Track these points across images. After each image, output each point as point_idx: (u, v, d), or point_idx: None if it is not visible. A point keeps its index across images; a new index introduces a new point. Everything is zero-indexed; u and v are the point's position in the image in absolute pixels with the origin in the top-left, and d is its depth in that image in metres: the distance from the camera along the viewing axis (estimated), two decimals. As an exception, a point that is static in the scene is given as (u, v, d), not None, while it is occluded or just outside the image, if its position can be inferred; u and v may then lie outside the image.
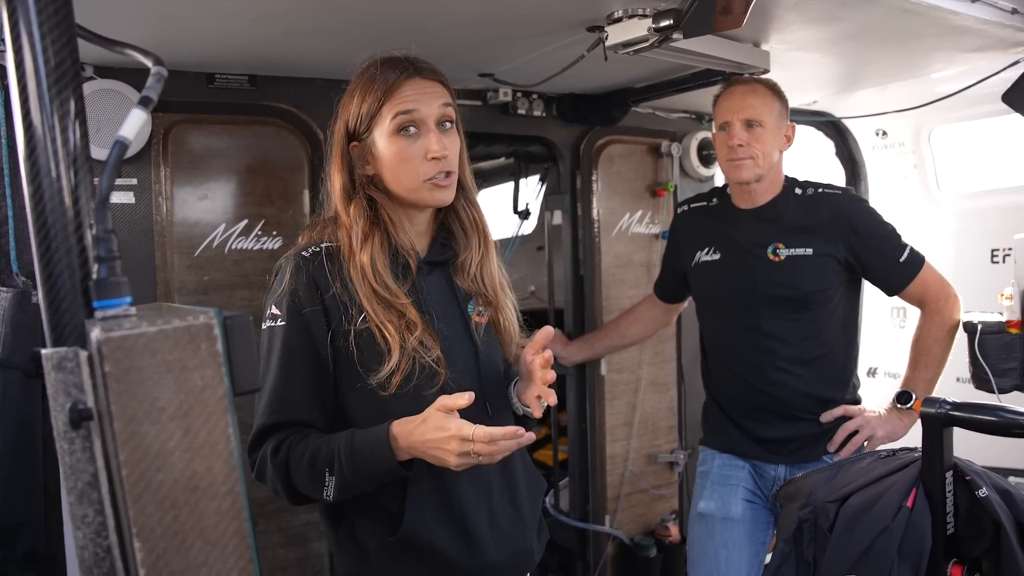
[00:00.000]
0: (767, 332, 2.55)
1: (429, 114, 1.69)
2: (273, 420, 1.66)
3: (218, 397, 0.82)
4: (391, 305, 1.66)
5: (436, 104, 1.70)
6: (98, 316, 0.81)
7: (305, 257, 1.70)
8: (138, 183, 2.52)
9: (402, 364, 1.63)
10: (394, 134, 1.68)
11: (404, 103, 1.67)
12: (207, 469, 0.81)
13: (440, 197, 1.72)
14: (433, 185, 1.69)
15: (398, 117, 1.67)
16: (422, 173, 1.68)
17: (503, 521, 1.76)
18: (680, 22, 2.02)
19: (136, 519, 0.78)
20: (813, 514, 1.71)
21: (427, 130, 1.69)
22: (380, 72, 1.70)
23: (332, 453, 1.58)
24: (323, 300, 1.67)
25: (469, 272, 1.81)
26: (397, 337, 1.63)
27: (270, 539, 2.74)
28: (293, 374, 1.67)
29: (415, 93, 1.68)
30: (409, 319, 1.66)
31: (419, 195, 1.71)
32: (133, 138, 0.87)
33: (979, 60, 2.83)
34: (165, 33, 2.18)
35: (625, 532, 3.55)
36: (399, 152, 1.68)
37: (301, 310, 1.66)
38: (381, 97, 1.68)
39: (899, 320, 4.03)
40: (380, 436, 1.57)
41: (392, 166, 1.70)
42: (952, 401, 1.61)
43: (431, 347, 1.66)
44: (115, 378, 0.77)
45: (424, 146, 1.68)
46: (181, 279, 2.60)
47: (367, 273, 1.66)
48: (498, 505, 1.76)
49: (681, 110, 3.68)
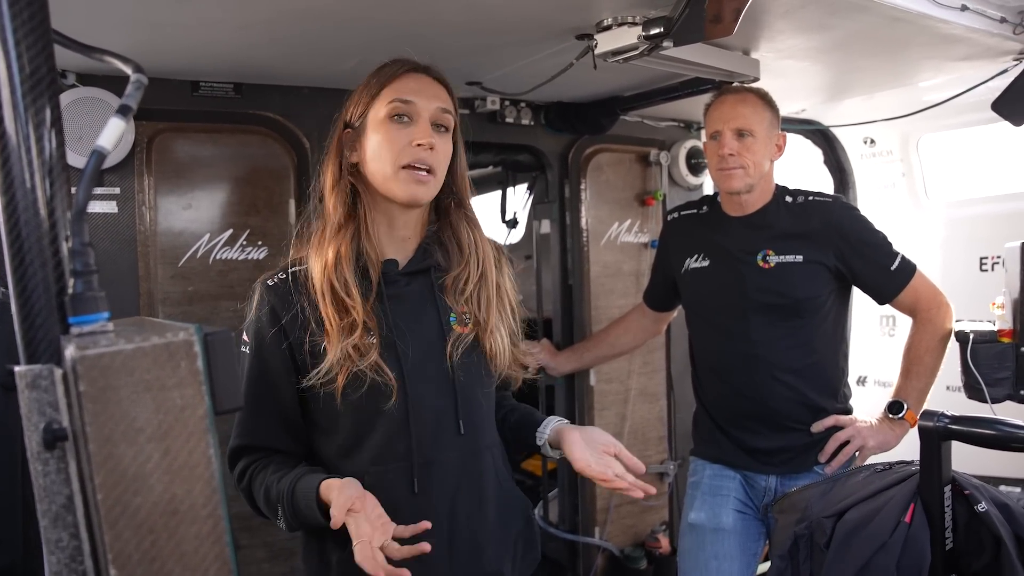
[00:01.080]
0: (756, 340, 2.53)
1: (424, 108, 1.67)
2: (238, 443, 1.74)
3: (198, 417, 0.79)
4: (341, 302, 1.63)
5: (434, 103, 1.68)
6: (74, 332, 0.78)
7: (268, 286, 1.72)
8: (121, 192, 2.49)
9: (342, 368, 1.61)
10: (386, 118, 1.66)
11: (403, 92, 1.66)
12: (187, 492, 0.78)
13: (415, 191, 1.65)
14: (409, 175, 1.64)
15: (393, 103, 1.65)
16: (401, 159, 1.64)
17: (462, 543, 1.70)
18: (670, 30, 2.00)
19: (112, 544, 0.75)
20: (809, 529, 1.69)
21: (420, 121, 1.67)
22: (389, 65, 1.71)
23: (280, 494, 1.60)
24: (282, 324, 1.67)
25: (464, 292, 1.75)
26: (336, 336, 1.61)
27: (255, 554, 2.70)
28: (257, 401, 1.70)
29: (416, 85, 1.68)
30: (352, 319, 1.62)
31: (393, 185, 1.66)
32: (111, 147, 0.83)
33: (967, 69, 2.84)
34: (149, 40, 2.15)
35: (615, 544, 3.53)
36: (384, 136, 1.66)
37: (264, 340, 1.69)
38: (383, 82, 1.68)
39: (888, 328, 4.02)
40: (311, 493, 1.55)
41: (376, 151, 1.67)
42: (951, 415, 1.59)
43: (368, 352, 1.62)
44: (90, 398, 0.73)
45: (411, 134, 1.65)
46: (165, 290, 2.56)
47: (328, 265, 1.64)
48: (461, 528, 1.70)
49: (670, 119, 3.67)
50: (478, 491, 1.74)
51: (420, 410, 1.67)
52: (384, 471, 1.65)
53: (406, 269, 1.74)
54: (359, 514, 1.46)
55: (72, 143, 2.28)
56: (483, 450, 1.77)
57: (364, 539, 1.42)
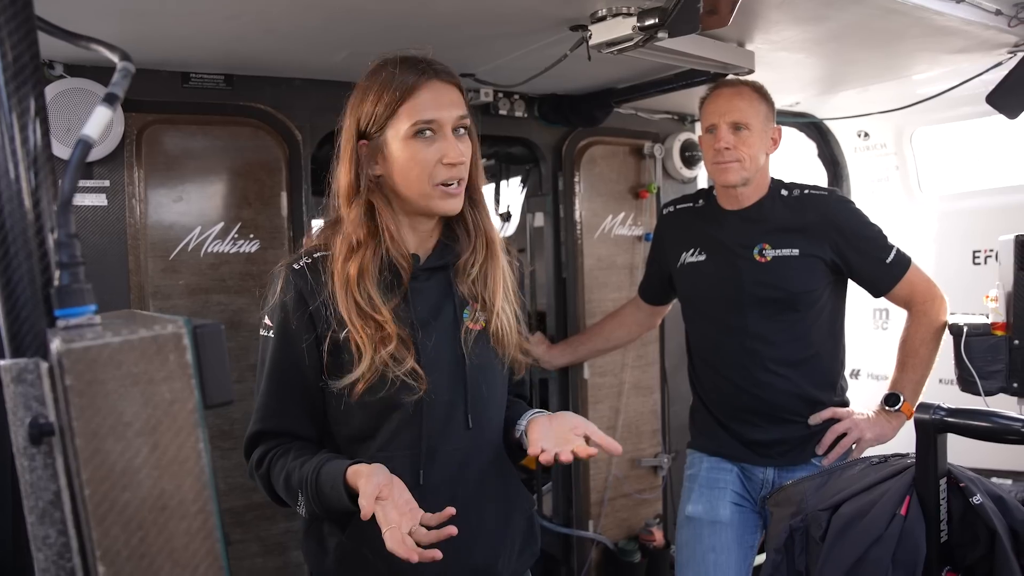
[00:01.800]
0: (754, 333, 2.52)
1: (448, 121, 1.65)
2: (259, 428, 1.73)
3: (188, 411, 0.77)
4: (370, 317, 1.64)
5: (455, 112, 1.67)
6: (60, 325, 0.77)
7: (295, 269, 1.71)
8: (111, 185, 2.47)
9: (368, 375, 1.63)
10: (410, 137, 1.65)
11: (425, 111, 1.64)
12: (176, 487, 0.76)
13: (450, 206, 1.68)
14: (444, 192, 1.66)
15: (417, 123, 1.63)
16: (434, 177, 1.65)
17: (463, 535, 1.70)
18: (665, 21, 1.99)
19: (100, 541, 0.73)
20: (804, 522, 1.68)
21: (444, 135, 1.66)
22: (399, 72, 1.66)
23: (302, 479, 1.61)
24: (309, 311, 1.67)
25: (469, 275, 1.77)
26: (370, 350, 1.62)
27: (248, 548, 2.69)
28: (279, 386, 1.71)
29: (435, 98, 1.65)
30: (386, 333, 1.64)
31: (429, 202, 1.68)
32: (98, 137, 0.82)
33: (962, 61, 2.83)
34: (138, 30, 2.13)
35: (609, 537, 3.53)
36: (413, 155, 1.65)
37: (289, 324, 1.68)
38: (399, 98, 1.64)
39: (882, 321, 4.03)
40: (338, 478, 1.56)
41: (404, 169, 1.66)
42: (946, 407, 1.58)
43: (404, 359, 1.64)
44: (77, 392, 0.72)
45: (440, 150, 1.65)
46: (155, 283, 2.54)
47: (351, 284, 1.64)
48: (462, 518, 1.67)
49: (664, 111, 3.66)
50: (481, 485, 1.76)
51: (432, 404, 1.69)
52: (389, 457, 1.66)
53: (427, 264, 1.76)
54: (387, 501, 1.47)
55: (60, 134, 2.26)
56: (488, 445, 1.79)
57: (394, 526, 1.44)
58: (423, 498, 1.64)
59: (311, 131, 2.78)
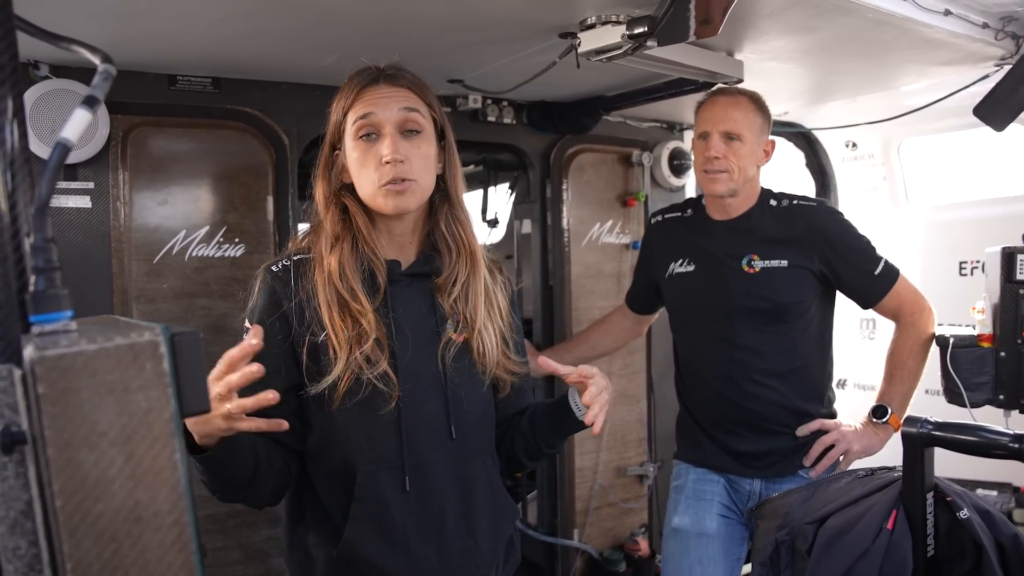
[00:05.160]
0: (742, 344, 2.52)
1: (386, 118, 1.66)
2: None
3: (164, 420, 0.75)
4: (349, 312, 1.63)
5: (395, 108, 1.67)
6: (35, 332, 0.75)
7: (272, 271, 1.72)
8: (95, 187, 2.44)
9: (345, 376, 1.61)
10: (355, 139, 1.69)
11: (362, 108, 1.67)
12: (151, 498, 0.75)
13: (394, 204, 1.67)
14: (387, 191, 1.66)
15: (357, 122, 1.67)
16: (377, 179, 1.66)
17: (454, 550, 1.70)
18: (655, 29, 1.99)
19: (71, 553, 0.71)
20: (791, 536, 1.67)
21: (383, 135, 1.67)
22: (352, 80, 1.71)
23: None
24: (285, 313, 1.67)
25: (452, 291, 1.76)
26: (345, 347, 1.61)
27: (230, 555, 2.66)
28: (253, 387, 1.62)
29: (375, 100, 1.67)
30: (363, 329, 1.63)
31: (376, 202, 1.69)
32: (77, 140, 0.80)
33: (949, 74, 2.84)
34: (125, 31, 2.11)
35: (594, 546, 3.51)
36: (358, 158, 1.69)
37: (264, 325, 1.63)
38: (347, 104, 1.70)
39: (868, 332, 4.04)
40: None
41: (355, 172, 1.71)
42: (934, 421, 1.58)
43: (378, 362, 1.63)
44: (50, 400, 0.70)
45: (378, 151, 1.66)
46: (139, 287, 2.52)
47: (333, 275, 1.65)
48: (451, 532, 1.70)
49: (653, 119, 3.66)
50: (469, 496, 1.74)
51: (412, 413, 1.68)
52: (375, 471, 1.65)
53: (409, 270, 1.76)
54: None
55: (45, 136, 2.24)
56: (474, 456, 1.77)
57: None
58: (411, 507, 1.65)
59: (298, 135, 2.76)
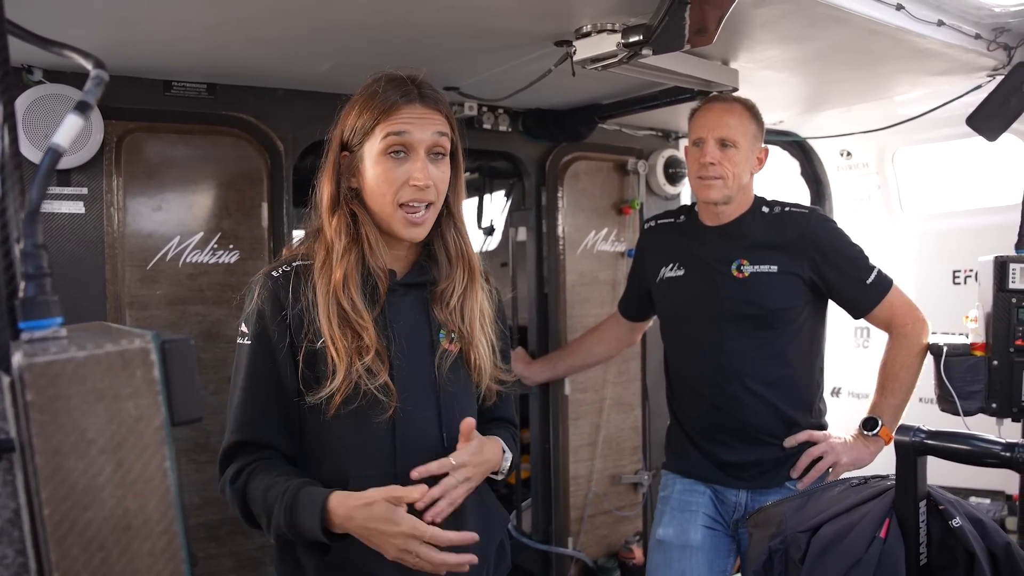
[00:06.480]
0: (729, 350, 2.50)
1: (420, 140, 1.65)
2: (236, 439, 1.68)
3: (154, 428, 0.75)
4: (350, 324, 1.63)
5: (430, 131, 1.66)
6: (24, 338, 0.74)
7: (273, 276, 1.70)
8: (89, 192, 2.43)
9: (343, 387, 1.61)
10: (382, 154, 1.65)
11: (397, 124, 1.64)
12: (140, 507, 0.74)
13: (411, 233, 1.68)
14: (406, 218, 1.66)
15: (389, 137, 1.64)
16: (399, 197, 1.65)
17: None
18: (650, 38, 2.00)
19: (59, 562, 0.71)
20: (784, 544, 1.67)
21: (416, 156, 1.66)
22: (383, 89, 1.67)
23: (280, 495, 1.58)
24: (286, 319, 1.66)
25: (449, 303, 1.77)
26: (345, 360, 1.61)
27: (223, 564, 2.64)
28: (256, 394, 1.68)
29: (411, 119, 1.65)
30: (363, 343, 1.63)
31: (392, 224, 1.68)
32: (68, 145, 0.80)
33: (943, 83, 2.86)
34: (120, 37, 2.11)
35: (588, 554, 3.50)
36: (382, 172, 1.66)
37: (265, 331, 1.67)
38: (378, 115, 1.66)
39: (863, 340, 4.04)
40: (316, 505, 1.55)
41: (373, 185, 1.68)
42: (927, 429, 1.58)
43: (378, 373, 1.63)
44: (38, 407, 0.70)
45: (408, 171, 1.65)
46: (133, 293, 2.51)
47: (337, 289, 1.64)
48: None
49: (648, 127, 3.66)
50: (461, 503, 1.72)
51: (406, 421, 1.68)
52: (366, 478, 1.64)
53: (404, 280, 1.76)
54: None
55: (38, 141, 2.23)
56: None
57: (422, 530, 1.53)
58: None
59: (293, 142, 2.76)
